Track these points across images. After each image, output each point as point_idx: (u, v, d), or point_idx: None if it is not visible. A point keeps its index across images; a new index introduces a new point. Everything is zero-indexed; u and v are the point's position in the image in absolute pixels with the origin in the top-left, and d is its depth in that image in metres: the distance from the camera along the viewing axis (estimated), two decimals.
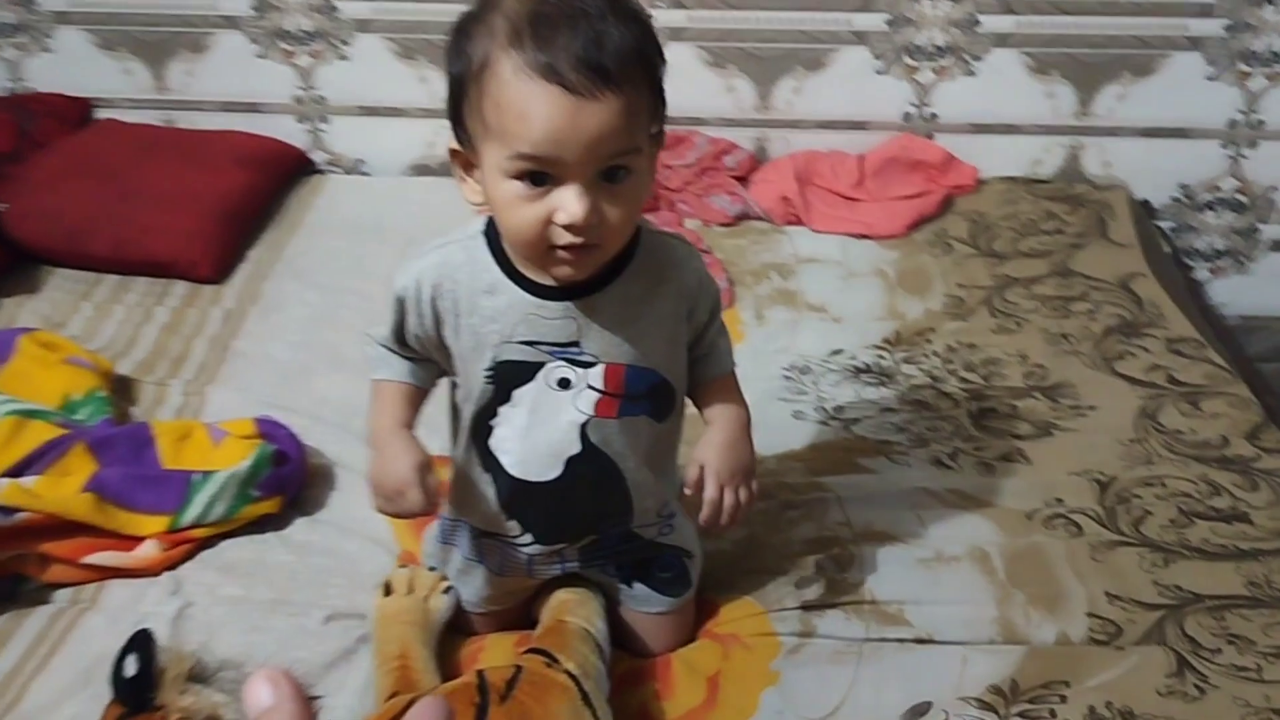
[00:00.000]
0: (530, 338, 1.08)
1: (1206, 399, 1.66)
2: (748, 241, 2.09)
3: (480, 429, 1.14)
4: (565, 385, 1.10)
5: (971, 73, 2.21)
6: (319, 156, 2.36)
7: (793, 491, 1.47)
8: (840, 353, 1.78)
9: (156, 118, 2.32)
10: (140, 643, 1.12)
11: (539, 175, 0.97)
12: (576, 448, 1.12)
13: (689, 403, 1.20)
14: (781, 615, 1.29)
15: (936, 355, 1.78)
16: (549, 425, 1.11)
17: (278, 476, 1.42)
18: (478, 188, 1.05)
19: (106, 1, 2.26)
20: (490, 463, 1.15)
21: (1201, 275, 2.38)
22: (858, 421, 1.62)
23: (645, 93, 0.98)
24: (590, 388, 1.10)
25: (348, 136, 2.34)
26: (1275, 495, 1.48)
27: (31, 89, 2.32)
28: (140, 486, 1.37)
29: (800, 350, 1.79)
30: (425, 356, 1.15)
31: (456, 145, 1.05)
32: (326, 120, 2.33)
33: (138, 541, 1.36)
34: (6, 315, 1.86)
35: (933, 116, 2.25)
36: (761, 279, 1.98)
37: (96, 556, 1.34)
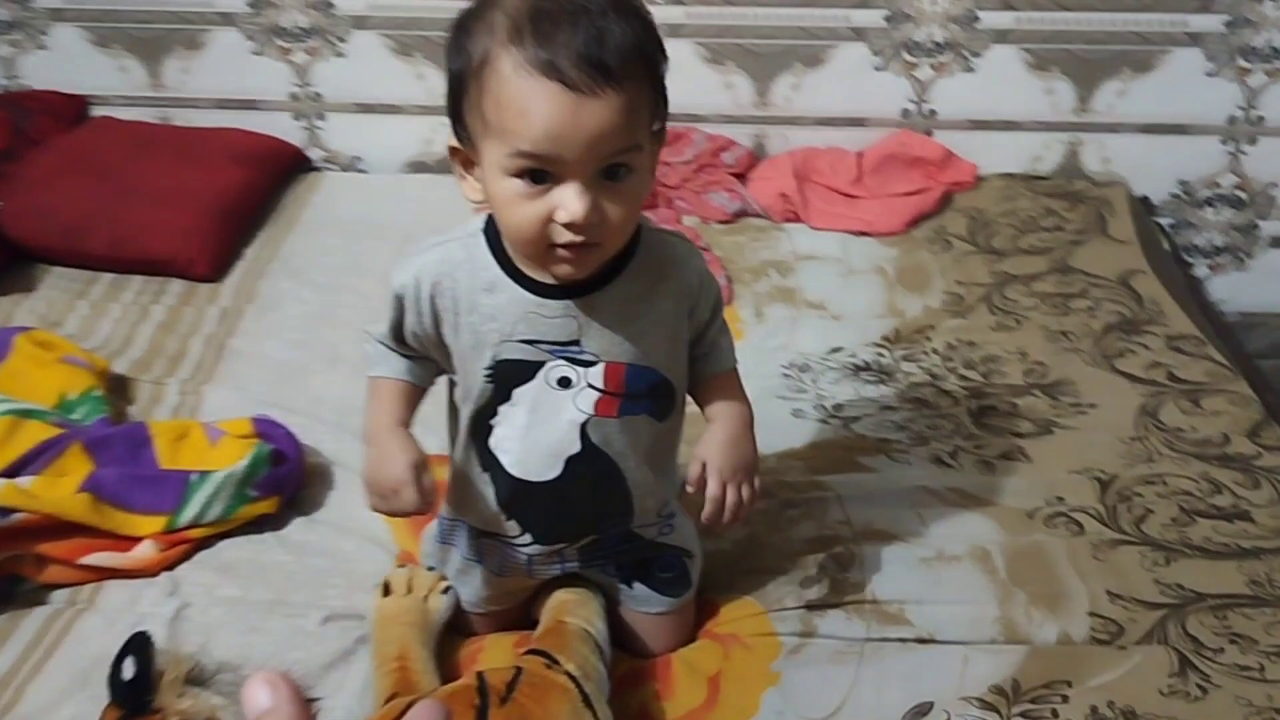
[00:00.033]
0: (530, 336, 1.07)
1: (1207, 396, 1.66)
2: (746, 239, 2.09)
3: (480, 428, 1.13)
4: (565, 384, 1.09)
5: (970, 69, 2.20)
6: (315, 154, 2.35)
7: (793, 490, 1.46)
8: (840, 350, 1.77)
9: (152, 115, 2.31)
10: (138, 645, 1.12)
11: (539, 173, 0.96)
12: (576, 447, 1.11)
13: (690, 401, 1.20)
14: (782, 615, 1.28)
15: (936, 353, 1.77)
16: (549, 424, 1.10)
17: (275, 476, 1.42)
18: (477, 185, 1.04)
19: None
20: (489, 462, 1.14)
21: (1201, 272, 2.37)
22: (857, 420, 1.62)
23: (646, 90, 0.98)
24: (590, 386, 1.09)
25: (344, 134, 2.33)
26: (1276, 493, 1.48)
27: (27, 86, 2.31)
28: (137, 487, 1.37)
29: (799, 348, 1.78)
30: (423, 354, 1.14)
31: (456, 143, 1.04)
32: (323, 117, 2.32)
33: (135, 542, 1.35)
34: (2, 314, 1.85)
35: (931, 113, 2.25)
36: (760, 276, 1.98)
37: (93, 557, 1.33)
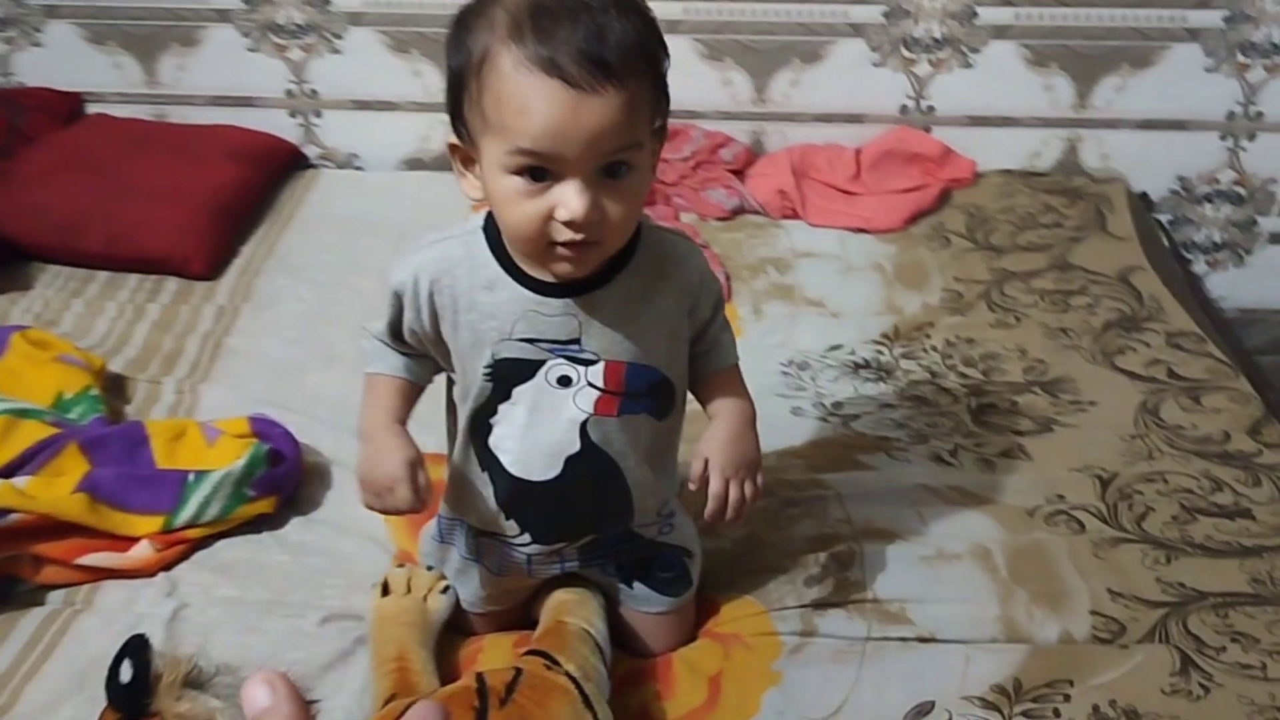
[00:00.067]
0: (530, 335, 1.07)
1: (1207, 394, 1.66)
2: (744, 236, 2.08)
3: (479, 427, 1.12)
4: (565, 383, 1.08)
5: (969, 65, 2.20)
6: (312, 151, 2.34)
7: (793, 489, 1.46)
8: (839, 348, 1.77)
9: (147, 112, 2.30)
10: (135, 649, 1.11)
11: (539, 171, 0.95)
12: (576, 446, 1.10)
13: (690, 399, 1.19)
14: (783, 614, 1.27)
15: (935, 350, 1.77)
16: (549, 423, 1.10)
17: (273, 476, 1.41)
18: (477, 183, 1.03)
19: None
20: (489, 461, 1.13)
21: (1199, 268, 2.37)
22: (857, 418, 1.61)
23: (647, 87, 0.97)
24: (590, 385, 1.08)
25: (340, 131, 2.33)
26: (1277, 491, 1.47)
27: (21, 83, 2.30)
28: (134, 486, 1.36)
29: (798, 345, 1.78)
30: (421, 352, 1.13)
31: (455, 140, 1.04)
32: (319, 114, 2.31)
33: (132, 542, 1.34)
34: None
35: (930, 109, 2.24)
36: (758, 273, 1.97)
37: (90, 558, 1.32)
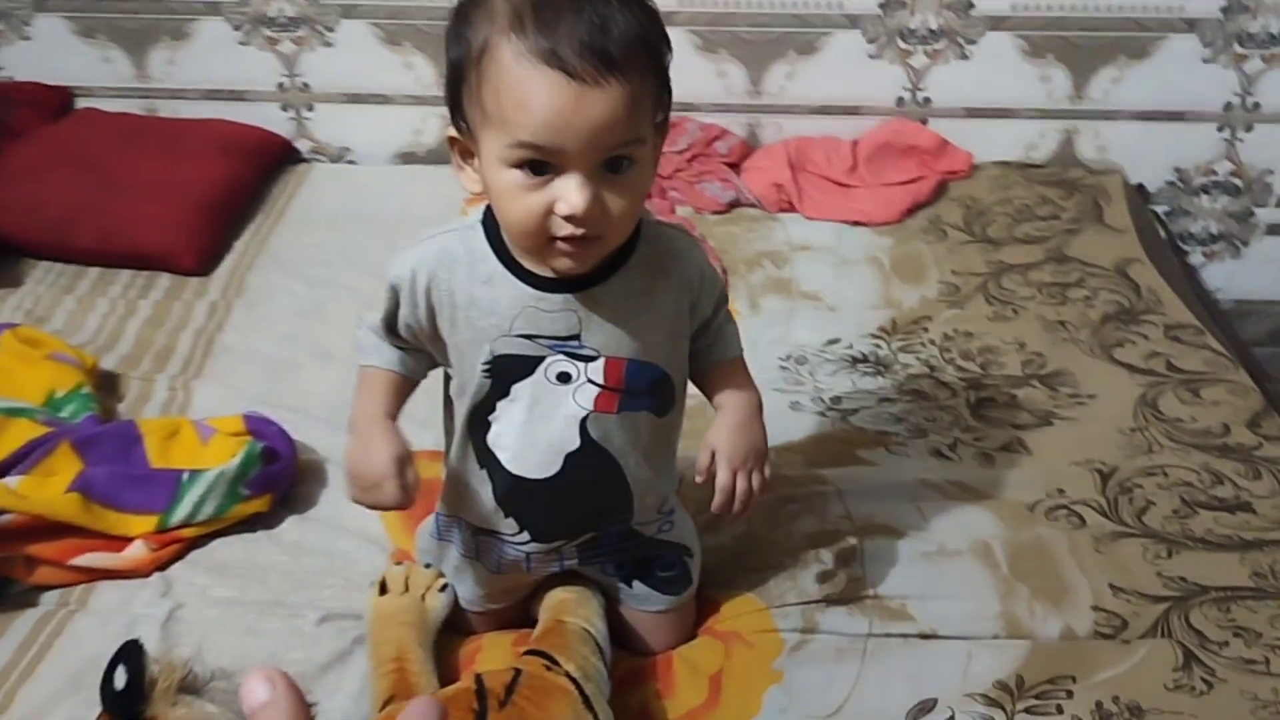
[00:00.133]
0: (529, 331, 1.05)
1: (1206, 386, 1.65)
2: (740, 229, 2.07)
3: (477, 424, 1.11)
4: (565, 379, 1.07)
5: (965, 56, 2.19)
6: (304, 145, 2.32)
7: (792, 484, 1.45)
8: (836, 342, 1.76)
9: (138, 106, 2.29)
10: (130, 654, 1.09)
11: (539, 164, 0.94)
12: (575, 443, 1.09)
13: (692, 392, 1.18)
14: (784, 611, 1.27)
15: (933, 344, 1.76)
16: (548, 420, 1.08)
17: (268, 474, 1.40)
18: (476, 176, 1.02)
19: None
20: (487, 459, 1.12)
21: (1196, 260, 2.37)
22: (855, 412, 1.61)
23: (650, 80, 0.96)
24: (590, 382, 1.07)
25: (333, 124, 2.31)
26: (1278, 484, 1.47)
27: (9, 78, 2.28)
28: (128, 486, 1.34)
29: (796, 340, 1.76)
30: (416, 346, 1.12)
31: (455, 132, 1.02)
32: (311, 108, 2.30)
33: (126, 542, 1.33)
34: None
35: (926, 101, 2.23)
36: (755, 267, 1.96)
37: (84, 558, 1.31)
